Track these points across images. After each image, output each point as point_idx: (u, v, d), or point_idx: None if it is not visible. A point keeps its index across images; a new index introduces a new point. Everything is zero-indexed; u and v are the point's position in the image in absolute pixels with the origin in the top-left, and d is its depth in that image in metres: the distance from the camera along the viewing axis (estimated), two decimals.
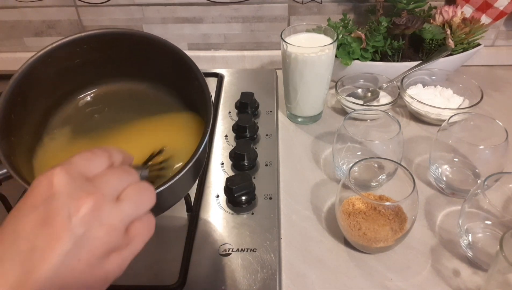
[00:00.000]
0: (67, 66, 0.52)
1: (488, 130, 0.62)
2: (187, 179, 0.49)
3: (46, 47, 0.48)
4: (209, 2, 0.88)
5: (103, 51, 0.52)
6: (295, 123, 0.78)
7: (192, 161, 0.43)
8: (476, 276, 0.52)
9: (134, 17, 0.91)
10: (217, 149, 0.70)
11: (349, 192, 0.54)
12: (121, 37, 0.52)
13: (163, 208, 0.49)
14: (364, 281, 0.52)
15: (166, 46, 0.51)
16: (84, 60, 0.52)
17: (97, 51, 0.52)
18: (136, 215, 0.32)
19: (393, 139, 0.60)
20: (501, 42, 0.92)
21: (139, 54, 0.53)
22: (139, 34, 0.52)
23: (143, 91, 0.57)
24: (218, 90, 0.83)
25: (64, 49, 0.49)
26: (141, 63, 0.54)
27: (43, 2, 0.89)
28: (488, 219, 0.53)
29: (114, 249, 0.30)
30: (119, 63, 0.54)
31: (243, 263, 0.53)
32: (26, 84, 0.47)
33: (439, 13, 0.82)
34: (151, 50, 0.52)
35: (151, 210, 0.33)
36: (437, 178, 0.64)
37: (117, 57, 0.53)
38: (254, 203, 0.60)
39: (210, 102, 0.48)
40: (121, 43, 0.52)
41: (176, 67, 0.52)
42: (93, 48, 0.51)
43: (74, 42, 0.50)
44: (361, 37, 0.78)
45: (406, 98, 0.76)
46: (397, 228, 0.53)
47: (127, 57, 0.54)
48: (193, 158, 0.43)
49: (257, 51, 0.94)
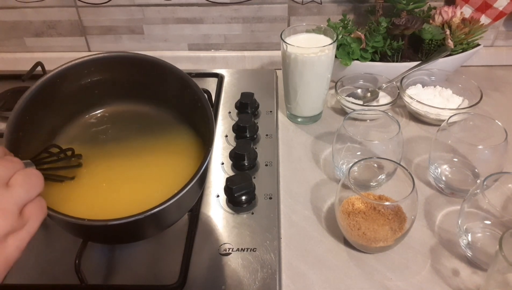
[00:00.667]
0: (75, 87, 0.54)
1: (488, 130, 0.62)
2: (188, 197, 0.49)
3: (55, 69, 0.51)
4: (209, 2, 0.88)
5: (109, 73, 0.55)
6: (295, 123, 0.78)
7: (194, 180, 0.44)
8: (476, 276, 0.52)
9: (134, 18, 0.91)
10: (217, 149, 0.70)
11: (348, 192, 0.54)
12: (126, 61, 0.55)
13: (166, 224, 0.50)
14: (364, 280, 0.52)
15: (171, 70, 0.54)
16: (91, 82, 0.55)
17: (104, 73, 0.54)
18: (28, 198, 0.34)
19: (392, 139, 0.60)
20: (500, 42, 0.92)
21: (144, 77, 0.55)
22: (142, 58, 0.54)
23: (147, 112, 0.59)
24: (218, 90, 0.83)
25: (72, 71, 0.52)
26: (146, 85, 0.56)
27: (44, 2, 0.89)
28: (488, 219, 0.53)
29: (11, 231, 0.32)
30: (125, 85, 0.56)
31: (243, 263, 0.53)
32: (35, 103, 0.49)
33: (439, 14, 0.82)
34: (155, 73, 0.55)
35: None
36: (437, 178, 0.64)
37: (122, 79, 0.56)
38: (254, 203, 0.60)
39: (213, 127, 0.49)
40: (126, 66, 0.55)
41: (181, 90, 0.54)
42: (99, 70, 0.54)
43: (82, 64, 0.53)
44: (360, 38, 0.79)
45: (405, 98, 0.76)
46: (396, 228, 0.53)
47: (133, 80, 0.56)
48: (194, 177, 0.45)
49: (257, 52, 0.95)
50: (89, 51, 0.97)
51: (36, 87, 0.49)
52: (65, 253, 0.54)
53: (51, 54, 0.96)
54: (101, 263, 0.54)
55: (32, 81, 0.84)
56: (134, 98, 0.58)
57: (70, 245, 0.55)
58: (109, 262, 0.54)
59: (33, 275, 0.53)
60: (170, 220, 0.51)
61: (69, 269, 0.52)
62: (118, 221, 0.40)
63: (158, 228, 0.51)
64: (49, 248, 0.55)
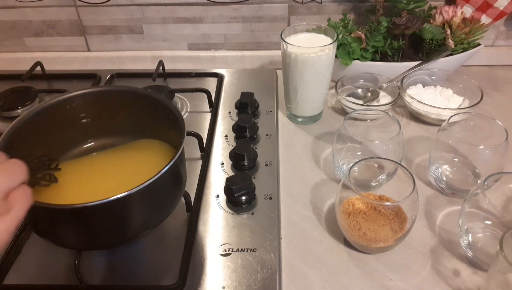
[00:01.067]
0: (58, 121, 0.57)
1: (488, 130, 0.62)
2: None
3: (42, 104, 0.55)
4: (209, 2, 0.88)
5: (91, 108, 0.59)
6: (295, 123, 0.78)
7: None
8: (476, 276, 0.52)
9: (134, 17, 0.91)
10: (217, 149, 0.70)
11: (349, 192, 0.54)
12: (107, 95, 0.59)
13: (146, 223, 0.50)
14: (364, 281, 0.52)
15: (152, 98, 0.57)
16: (78, 117, 0.59)
17: (87, 109, 0.58)
18: (11, 185, 0.36)
19: (393, 139, 0.60)
20: (501, 42, 0.92)
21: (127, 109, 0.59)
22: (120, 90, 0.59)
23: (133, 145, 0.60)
24: (218, 90, 0.83)
25: (54, 107, 0.56)
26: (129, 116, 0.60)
27: (43, 2, 0.89)
28: (488, 219, 0.53)
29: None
30: (109, 118, 0.60)
31: (243, 263, 0.53)
32: (21, 134, 0.51)
33: (439, 13, 0.82)
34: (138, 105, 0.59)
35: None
36: (437, 178, 0.64)
37: (105, 113, 0.59)
38: (254, 203, 0.60)
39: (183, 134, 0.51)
40: (108, 100, 0.59)
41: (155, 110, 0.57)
42: (81, 105, 0.58)
43: (64, 101, 0.57)
44: (361, 37, 0.78)
45: (406, 98, 0.76)
46: (397, 228, 0.53)
47: (116, 113, 0.59)
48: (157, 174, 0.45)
49: (257, 51, 0.95)
50: (89, 51, 0.97)
51: (20, 119, 0.52)
52: (65, 254, 0.54)
53: (50, 53, 0.96)
54: (101, 264, 0.54)
55: (32, 81, 0.85)
56: (119, 129, 0.61)
57: None
58: (109, 262, 0.54)
59: (33, 276, 0.53)
60: (147, 217, 0.50)
61: (68, 269, 0.52)
62: (95, 203, 0.42)
63: (139, 225, 0.50)
64: (48, 249, 0.55)
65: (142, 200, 0.46)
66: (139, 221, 0.49)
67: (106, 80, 0.86)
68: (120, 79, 0.88)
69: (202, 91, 0.80)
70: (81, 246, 0.50)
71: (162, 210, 0.51)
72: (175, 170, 0.50)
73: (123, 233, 0.49)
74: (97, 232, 0.47)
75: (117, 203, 0.43)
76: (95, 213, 0.44)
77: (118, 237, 0.49)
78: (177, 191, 0.53)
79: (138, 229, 0.50)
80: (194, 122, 0.76)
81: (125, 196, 0.43)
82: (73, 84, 0.87)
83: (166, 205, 0.51)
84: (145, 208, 0.48)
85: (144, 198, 0.46)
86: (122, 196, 0.43)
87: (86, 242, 0.49)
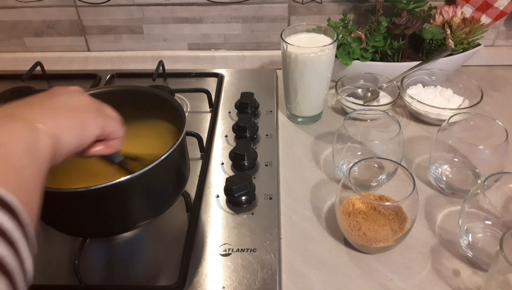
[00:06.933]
0: None
1: (488, 130, 0.62)
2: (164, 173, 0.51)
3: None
4: (209, 2, 0.88)
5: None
6: (295, 123, 0.78)
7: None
8: (476, 276, 0.52)
9: (134, 17, 0.91)
10: (217, 149, 0.70)
11: (349, 192, 0.54)
12: (107, 95, 0.59)
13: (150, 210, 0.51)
14: (364, 281, 0.52)
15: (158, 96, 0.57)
16: None
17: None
18: (118, 135, 0.43)
19: (393, 139, 0.60)
20: (501, 42, 0.92)
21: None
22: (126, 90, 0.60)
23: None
24: (218, 90, 0.83)
25: None
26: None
27: (43, 2, 0.89)
28: (488, 219, 0.53)
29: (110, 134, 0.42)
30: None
31: (243, 263, 0.53)
32: None
33: (439, 13, 0.82)
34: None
35: None
36: (437, 178, 0.64)
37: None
38: (254, 203, 0.60)
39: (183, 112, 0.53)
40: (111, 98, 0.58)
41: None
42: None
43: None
44: (361, 37, 0.78)
45: (406, 98, 0.76)
46: (397, 228, 0.53)
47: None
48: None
49: (257, 51, 0.95)
50: (89, 51, 0.97)
51: None
52: (65, 254, 0.54)
53: (50, 53, 0.96)
54: (101, 264, 0.54)
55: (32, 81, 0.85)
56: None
57: (69, 246, 0.55)
58: (109, 262, 0.54)
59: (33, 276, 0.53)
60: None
61: (68, 269, 0.52)
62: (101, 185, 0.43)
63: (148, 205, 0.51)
64: (48, 249, 0.55)
65: (151, 181, 0.48)
66: (145, 204, 0.50)
67: (106, 80, 0.86)
68: (120, 79, 0.88)
69: (202, 91, 0.80)
70: (88, 232, 0.50)
71: (170, 192, 0.53)
72: (181, 151, 0.53)
73: (129, 217, 0.50)
74: (105, 216, 0.48)
75: (125, 186, 0.45)
76: (104, 196, 0.45)
77: (124, 222, 0.50)
78: (183, 170, 0.54)
79: (144, 214, 0.51)
80: (194, 122, 0.76)
81: (133, 177, 0.44)
82: (73, 84, 0.86)
83: (175, 188, 0.53)
84: (153, 189, 0.49)
85: (153, 178, 0.48)
86: (128, 178, 0.44)
87: (93, 228, 0.50)
